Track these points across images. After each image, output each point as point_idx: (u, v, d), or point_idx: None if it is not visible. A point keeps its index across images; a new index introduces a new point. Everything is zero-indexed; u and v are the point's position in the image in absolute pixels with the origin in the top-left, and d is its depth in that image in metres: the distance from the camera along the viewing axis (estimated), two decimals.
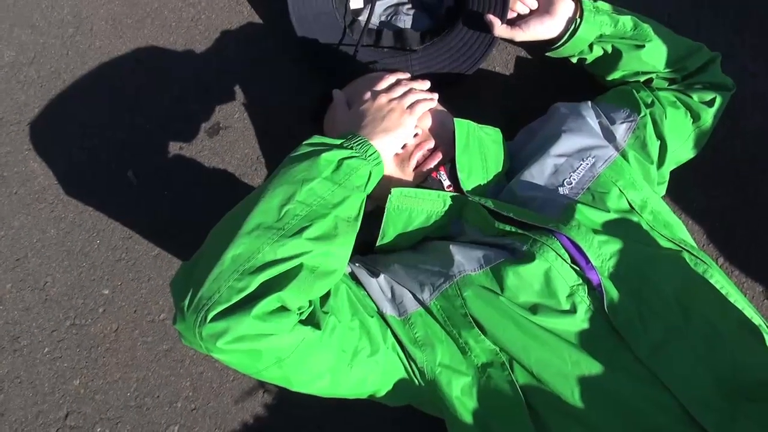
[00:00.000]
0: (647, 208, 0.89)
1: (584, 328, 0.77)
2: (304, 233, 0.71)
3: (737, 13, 1.16)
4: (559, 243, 0.78)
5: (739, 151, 1.11)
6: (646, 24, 0.99)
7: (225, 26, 1.21)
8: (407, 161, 0.90)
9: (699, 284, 0.82)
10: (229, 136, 1.16)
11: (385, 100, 0.88)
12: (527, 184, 0.89)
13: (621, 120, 0.97)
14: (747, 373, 0.76)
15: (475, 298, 0.78)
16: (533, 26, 1.00)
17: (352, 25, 1.14)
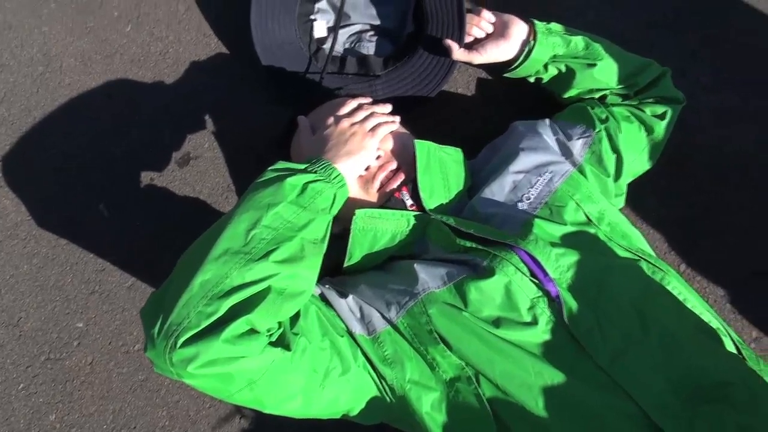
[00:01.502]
0: (605, 220, 0.92)
1: (546, 339, 0.79)
2: (270, 256, 0.73)
3: (691, 29, 1.21)
4: (518, 257, 0.81)
5: (696, 162, 1.15)
6: (597, 43, 1.03)
7: (193, 58, 1.24)
8: (371, 183, 0.93)
9: (656, 291, 0.85)
10: (199, 165, 1.18)
11: (347, 124, 0.91)
12: (488, 201, 0.92)
13: (577, 136, 1.01)
14: (704, 375, 0.78)
15: (439, 315, 0.81)
16: (490, 49, 1.04)
17: (317, 53, 1.17)
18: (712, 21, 1.21)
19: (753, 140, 1.15)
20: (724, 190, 1.13)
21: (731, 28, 1.20)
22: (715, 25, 1.21)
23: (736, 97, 1.17)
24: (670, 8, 1.22)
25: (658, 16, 1.22)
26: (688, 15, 1.21)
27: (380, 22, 1.20)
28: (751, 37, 1.20)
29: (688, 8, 1.22)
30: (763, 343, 1.08)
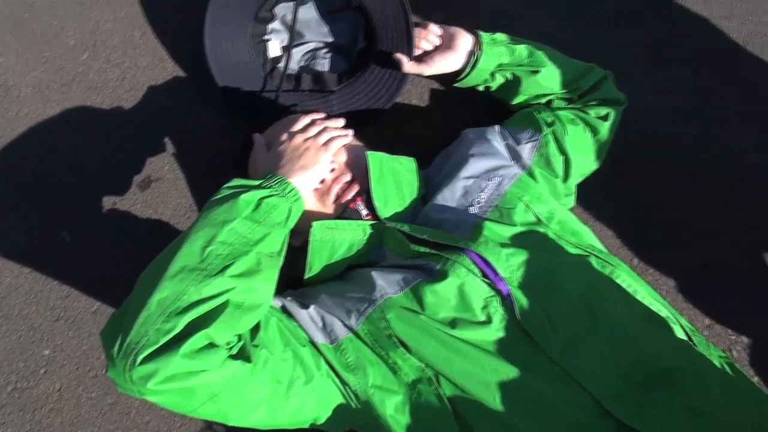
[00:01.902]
0: (554, 219, 0.95)
1: (500, 336, 0.82)
2: (227, 271, 0.75)
3: (633, 33, 1.26)
4: (469, 259, 0.84)
5: (643, 160, 1.20)
6: (540, 51, 1.08)
7: (150, 82, 1.25)
8: (326, 195, 0.95)
9: (605, 285, 0.89)
10: (160, 187, 1.19)
11: (300, 140, 0.94)
12: (440, 207, 0.95)
13: (526, 140, 1.05)
14: (652, 362, 0.81)
15: (397, 319, 0.83)
16: (438, 61, 1.08)
17: (272, 72, 1.20)
18: (654, 24, 1.27)
19: (695, 137, 1.20)
20: (671, 185, 1.18)
21: (672, 30, 1.26)
22: (657, 28, 1.26)
23: (678, 96, 1.22)
24: (613, 13, 1.27)
25: (602, 21, 1.27)
26: (630, 19, 1.27)
27: (333, 40, 1.24)
28: (690, 39, 1.26)
29: (629, 12, 1.27)
30: (716, 330, 1.12)
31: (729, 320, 1.12)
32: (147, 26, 1.29)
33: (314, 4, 1.21)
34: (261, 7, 1.16)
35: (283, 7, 1.20)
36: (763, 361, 1.10)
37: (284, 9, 1.20)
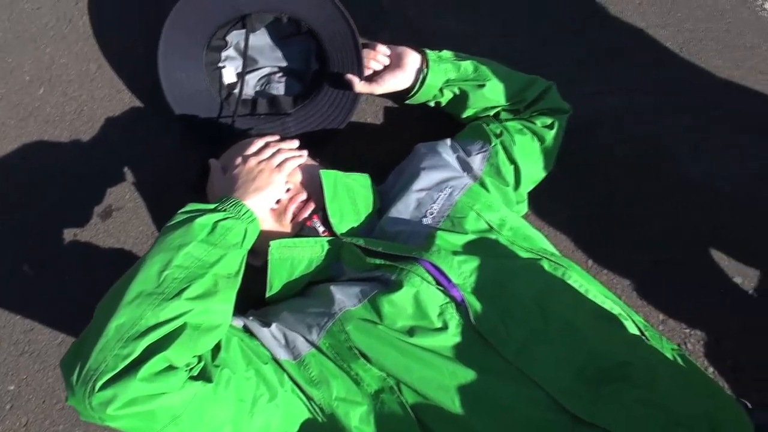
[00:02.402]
0: (506, 226, 0.99)
1: (457, 341, 0.84)
2: (183, 294, 0.76)
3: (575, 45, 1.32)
4: (423, 268, 0.87)
5: (590, 165, 1.24)
6: (485, 66, 1.12)
7: (108, 114, 1.27)
8: (283, 215, 0.97)
9: (557, 286, 0.92)
10: (122, 216, 1.20)
11: (254, 162, 0.97)
12: (395, 220, 0.98)
13: (476, 151, 1.09)
14: (604, 358, 0.84)
15: (357, 331, 0.85)
16: (388, 80, 1.12)
17: (228, 98, 1.22)
18: (595, 35, 1.32)
19: (638, 140, 1.26)
20: (619, 187, 1.23)
21: (612, 40, 1.32)
22: (597, 38, 1.32)
23: (620, 102, 1.28)
24: (555, 26, 1.33)
25: (545, 34, 1.32)
26: (573, 31, 1.33)
27: (287, 64, 1.27)
28: (629, 48, 1.32)
29: (572, 25, 1.33)
30: (670, 325, 1.16)
31: (682, 315, 1.16)
32: (102, 59, 1.31)
33: (266, 30, 1.24)
34: (213, 36, 1.18)
35: (236, 35, 1.23)
36: (716, 352, 1.14)
37: (237, 36, 1.23)
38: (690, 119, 1.27)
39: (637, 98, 1.28)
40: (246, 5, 1.16)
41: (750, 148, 1.25)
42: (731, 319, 1.16)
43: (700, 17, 1.35)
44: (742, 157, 1.25)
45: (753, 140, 1.26)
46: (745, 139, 1.26)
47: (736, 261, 1.19)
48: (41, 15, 1.34)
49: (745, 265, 1.19)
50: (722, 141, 1.26)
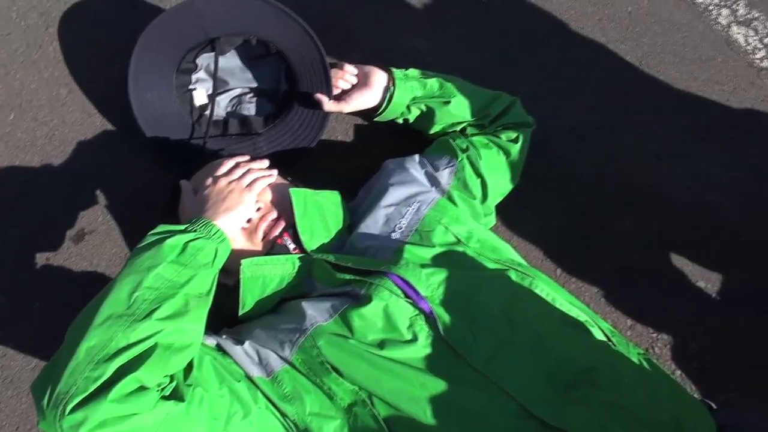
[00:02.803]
0: (473, 238, 1.01)
1: (427, 352, 0.86)
2: (154, 314, 0.77)
3: (539, 61, 1.36)
4: (391, 282, 0.88)
5: (558, 175, 1.28)
6: (450, 83, 1.15)
7: (79, 138, 1.28)
8: (254, 233, 0.99)
9: (524, 296, 0.94)
10: (95, 239, 1.21)
11: (225, 183, 0.98)
12: (364, 236, 1.00)
13: (444, 166, 1.11)
14: (571, 364, 0.87)
15: (328, 345, 0.86)
16: (356, 98, 1.14)
17: (200, 119, 1.24)
18: (557, 50, 1.37)
19: (601, 151, 1.30)
20: (584, 199, 1.27)
21: (573, 55, 1.36)
22: (560, 53, 1.36)
23: (583, 115, 1.32)
24: (519, 43, 1.37)
25: (509, 50, 1.36)
26: (536, 47, 1.37)
27: (257, 85, 1.29)
28: (590, 62, 1.36)
29: (535, 41, 1.37)
30: (637, 330, 1.19)
31: (649, 319, 1.19)
32: (73, 84, 1.32)
33: (236, 52, 1.26)
34: (183, 59, 1.20)
35: (206, 57, 1.25)
36: (683, 355, 1.18)
37: (207, 59, 1.25)
38: (650, 130, 1.31)
39: (599, 111, 1.33)
40: (215, 29, 1.18)
41: (708, 158, 1.30)
42: (696, 322, 1.19)
43: (657, 32, 1.40)
44: (701, 166, 1.29)
45: (711, 149, 1.30)
46: (704, 148, 1.30)
47: (699, 266, 1.23)
48: (11, 41, 1.35)
49: (707, 269, 1.23)
50: (682, 150, 1.30)
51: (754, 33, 1.41)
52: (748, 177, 1.28)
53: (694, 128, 1.32)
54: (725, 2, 1.44)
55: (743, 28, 1.42)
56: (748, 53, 1.39)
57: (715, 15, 1.42)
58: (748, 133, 1.32)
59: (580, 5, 1.41)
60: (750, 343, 1.17)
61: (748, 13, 1.43)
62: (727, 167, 1.29)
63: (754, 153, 1.30)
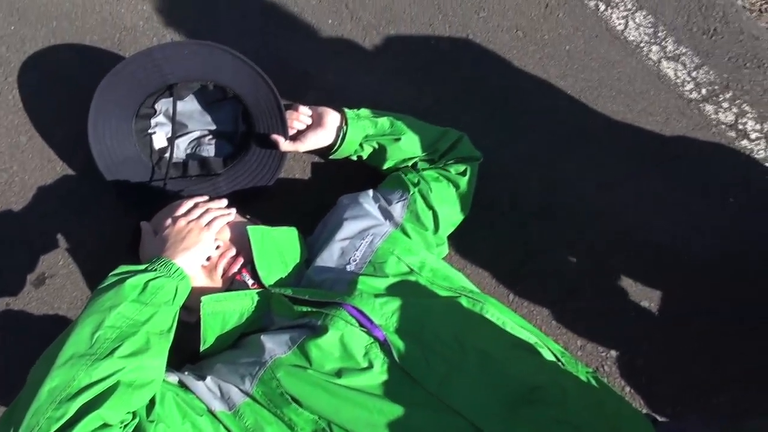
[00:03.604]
0: (426, 267, 1.06)
1: (383, 379, 0.90)
2: (116, 353, 0.80)
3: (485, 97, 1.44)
4: (346, 312, 0.93)
5: (506, 205, 1.35)
6: (400, 121, 1.22)
7: (40, 183, 1.30)
8: (214, 271, 1.02)
9: (474, 320, 0.99)
10: (55, 283, 1.22)
11: (184, 223, 1.02)
12: (321, 269, 1.04)
13: (396, 200, 1.17)
14: (520, 383, 0.91)
15: (287, 377, 0.89)
16: (310, 138, 1.20)
17: (160, 162, 1.27)
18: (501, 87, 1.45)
19: (547, 181, 1.37)
20: (532, 226, 1.33)
21: (516, 91, 1.45)
22: (504, 90, 1.45)
23: (527, 149, 1.40)
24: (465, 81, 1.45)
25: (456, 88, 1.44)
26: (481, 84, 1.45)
27: (216, 127, 1.33)
28: (533, 97, 1.45)
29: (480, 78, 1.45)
30: (588, 349, 1.25)
31: (598, 339, 1.26)
32: (33, 131, 1.34)
33: (194, 96, 1.31)
34: (142, 105, 1.24)
35: (165, 102, 1.29)
36: (632, 371, 1.24)
37: (166, 104, 1.29)
38: (591, 160, 1.40)
39: (544, 143, 1.41)
40: (172, 75, 1.23)
41: (646, 183, 1.38)
42: (642, 339, 1.26)
43: (594, 68, 1.50)
44: (640, 192, 1.37)
45: (648, 176, 1.39)
46: (641, 174, 1.39)
47: (642, 286, 1.30)
48: None
49: (650, 288, 1.30)
50: (621, 178, 1.38)
51: (683, 67, 1.52)
52: (683, 200, 1.37)
53: (631, 156, 1.41)
54: (655, 39, 1.54)
55: (672, 62, 1.53)
56: (678, 86, 1.49)
57: (647, 51, 1.53)
58: (681, 159, 1.41)
59: (522, 45, 1.50)
60: (693, 358, 1.24)
61: (677, 49, 1.53)
62: (663, 192, 1.38)
63: (687, 177, 1.39)
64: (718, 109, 1.47)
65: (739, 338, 1.26)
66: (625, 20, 1.55)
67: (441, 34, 1.50)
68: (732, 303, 1.29)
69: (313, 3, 1.51)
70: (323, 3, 1.51)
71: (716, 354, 1.25)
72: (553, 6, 1.55)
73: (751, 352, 1.25)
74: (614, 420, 0.93)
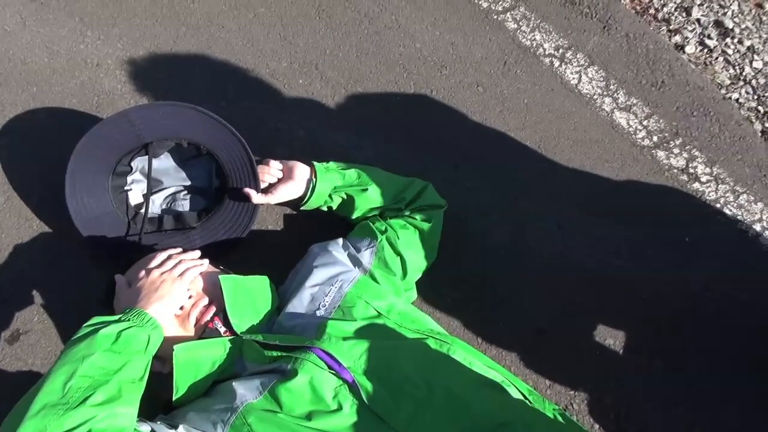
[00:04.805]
0: (393, 311, 1.10)
1: (353, 420, 0.92)
2: (88, 401, 0.81)
3: (449, 148, 1.51)
4: (315, 355, 0.95)
5: (473, 249, 1.40)
6: (366, 172, 1.28)
7: (16, 242, 1.32)
8: (187, 320, 1.05)
9: (442, 361, 1.03)
10: (30, 339, 1.23)
11: (157, 274, 1.05)
12: (291, 315, 1.07)
13: (365, 247, 1.21)
14: (486, 419, 0.94)
15: (259, 421, 0.91)
16: (281, 190, 1.25)
17: (135, 217, 1.31)
18: (464, 139, 1.53)
19: (509, 227, 1.43)
20: (498, 270, 1.38)
21: (479, 142, 1.53)
22: (467, 142, 1.52)
23: (490, 197, 1.46)
24: (430, 135, 1.52)
25: (421, 142, 1.51)
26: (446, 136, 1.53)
27: (191, 183, 1.38)
28: (494, 147, 1.52)
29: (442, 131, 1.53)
30: (556, 389, 1.28)
31: (565, 378, 1.29)
32: (11, 191, 1.38)
33: (169, 154, 1.36)
34: (118, 163, 1.29)
35: (141, 160, 1.34)
36: (600, 408, 1.26)
37: (142, 161, 1.34)
38: (552, 205, 1.46)
39: (505, 191, 1.47)
40: (148, 134, 1.28)
41: (603, 225, 1.45)
42: (608, 377, 1.29)
43: (551, 119, 1.59)
44: (598, 233, 1.44)
45: (606, 218, 1.46)
46: (599, 217, 1.46)
47: (605, 326, 1.34)
48: None
49: (613, 328, 1.34)
50: (581, 220, 1.45)
51: (635, 116, 1.62)
52: (641, 240, 1.44)
53: (589, 202, 1.48)
54: (607, 92, 1.65)
55: (625, 113, 1.62)
56: (631, 134, 1.59)
57: (600, 103, 1.63)
58: (636, 202, 1.49)
59: (483, 100, 1.59)
60: (660, 393, 1.28)
61: (628, 100, 1.64)
62: (623, 233, 1.44)
63: (643, 219, 1.46)
64: (669, 155, 1.56)
65: (704, 370, 1.30)
66: (579, 75, 1.65)
67: (405, 91, 1.59)
68: (695, 339, 1.34)
69: (284, 65, 1.60)
70: (294, 65, 1.60)
71: (683, 388, 1.29)
72: (510, 63, 1.65)
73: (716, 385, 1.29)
74: None
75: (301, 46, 1.63)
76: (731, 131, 1.60)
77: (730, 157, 1.56)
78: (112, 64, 1.56)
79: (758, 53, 1.77)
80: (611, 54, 1.68)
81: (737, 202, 1.51)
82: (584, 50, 1.68)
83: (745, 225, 1.48)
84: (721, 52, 1.77)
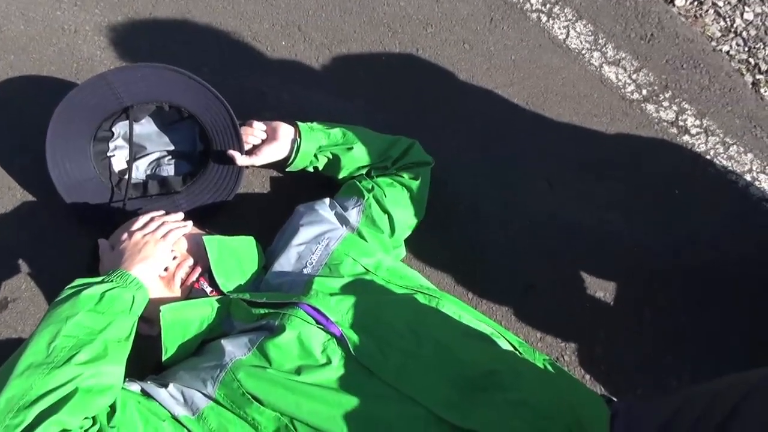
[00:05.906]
0: (381, 268, 1.09)
1: (341, 373, 0.92)
2: (72, 360, 0.81)
3: (437, 107, 1.50)
4: (303, 311, 0.95)
5: (462, 211, 1.39)
6: (351, 131, 1.26)
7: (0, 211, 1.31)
8: (172, 281, 1.04)
9: (430, 314, 1.03)
10: (18, 306, 1.23)
11: (140, 236, 1.04)
12: (278, 273, 1.07)
13: (352, 206, 1.20)
14: (474, 368, 0.94)
15: (248, 377, 0.91)
16: (266, 152, 1.24)
17: (119, 183, 1.29)
18: (452, 98, 1.51)
19: (498, 185, 1.42)
20: (488, 228, 1.38)
21: (465, 100, 1.51)
22: (455, 101, 1.51)
23: (478, 155, 1.45)
24: (414, 97, 1.50)
25: (407, 104, 1.50)
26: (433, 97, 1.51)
27: (174, 147, 1.36)
28: (481, 105, 1.51)
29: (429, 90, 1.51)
30: (547, 341, 1.28)
31: (556, 330, 1.29)
32: None
33: (151, 118, 1.34)
34: (99, 128, 1.27)
35: (123, 125, 1.32)
36: (591, 359, 1.27)
37: (123, 127, 1.32)
38: (542, 161, 1.45)
39: (493, 151, 1.46)
40: (128, 98, 1.26)
41: (593, 183, 1.44)
42: (599, 328, 1.30)
43: (539, 75, 1.57)
44: (588, 189, 1.43)
45: (595, 175, 1.45)
46: (589, 172, 1.45)
47: (596, 278, 1.35)
48: None
49: (604, 280, 1.35)
50: (570, 176, 1.44)
51: (623, 71, 1.60)
52: (631, 195, 1.43)
53: (578, 155, 1.47)
54: (596, 46, 1.63)
55: (614, 67, 1.60)
56: (620, 88, 1.57)
57: (588, 57, 1.61)
58: (626, 156, 1.48)
59: (469, 57, 1.57)
60: (649, 343, 1.28)
61: (617, 54, 1.61)
62: (612, 188, 1.43)
63: (633, 173, 1.46)
64: (659, 108, 1.55)
65: (692, 319, 1.31)
66: (567, 30, 1.63)
67: (391, 50, 1.56)
68: (683, 290, 1.34)
69: (266, 27, 1.57)
70: (276, 26, 1.57)
71: (671, 337, 1.29)
72: (497, 19, 1.62)
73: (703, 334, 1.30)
74: (569, 399, 0.96)
75: (282, 6, 1.60)
76: (721, 83, 1.58)
77: (720, 109, 1.55)
78: (90, 30, 1.53)
79: (749, 5, 1.74)
80: (599, 8, 1.66)
81: (727, 153, 1.50)
82: (572, 4, 1.66)
83: (735, 176, 1.47)
84: (711, 5, 1.75)
